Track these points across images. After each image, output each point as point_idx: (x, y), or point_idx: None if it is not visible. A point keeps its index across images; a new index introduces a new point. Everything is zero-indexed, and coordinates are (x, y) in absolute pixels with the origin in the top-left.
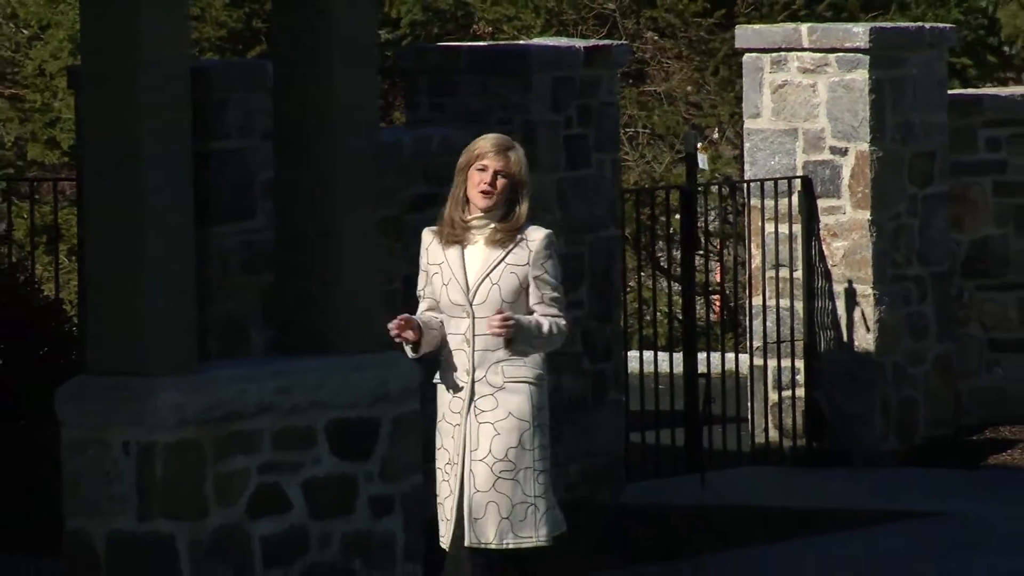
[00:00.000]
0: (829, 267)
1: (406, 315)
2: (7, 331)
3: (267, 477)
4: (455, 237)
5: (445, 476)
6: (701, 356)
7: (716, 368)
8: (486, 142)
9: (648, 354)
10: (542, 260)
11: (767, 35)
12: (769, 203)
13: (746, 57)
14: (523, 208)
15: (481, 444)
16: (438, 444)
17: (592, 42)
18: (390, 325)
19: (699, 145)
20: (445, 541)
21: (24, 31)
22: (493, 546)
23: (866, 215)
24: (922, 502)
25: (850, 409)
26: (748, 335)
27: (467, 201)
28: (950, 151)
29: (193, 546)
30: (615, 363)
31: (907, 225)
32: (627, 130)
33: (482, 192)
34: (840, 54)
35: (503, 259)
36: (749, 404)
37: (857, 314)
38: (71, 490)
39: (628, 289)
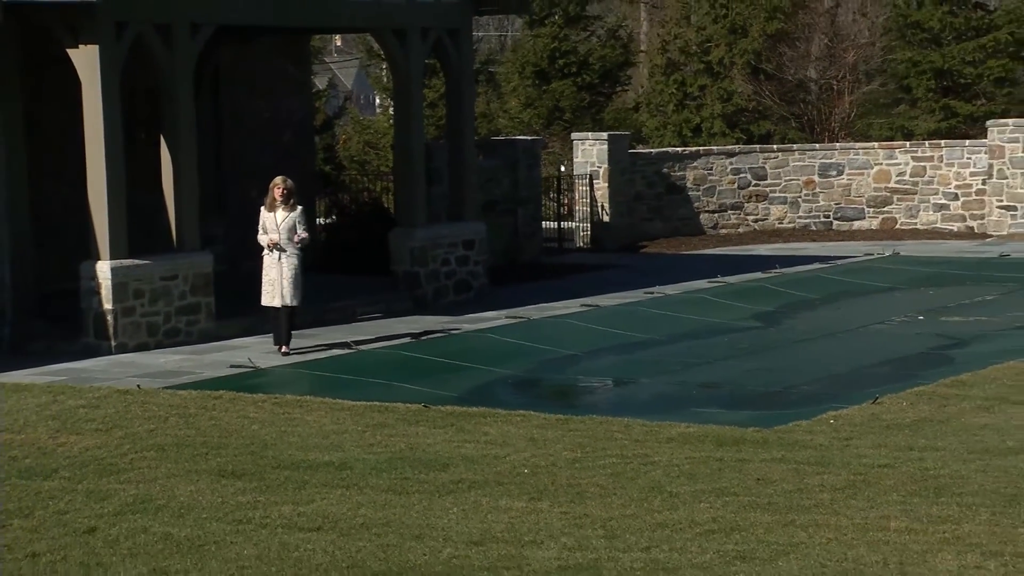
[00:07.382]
0: (596, 199)
1: (272, 238)
2: (373, 216)
3: (445, 255)
4: (273, 209)
5: (269, 288)
6: (563, 224)
7: (567, 226)
8: (278, 178)
9: (546, 223)
10: (299, 217)
11: (581, 136)
12: (581, 181)
13: (575, 142)
14: (295, 200)
15: (283, 274)
16: (265, 274)
17: (532, 138)
18: (267, 240)
19: (561, 166)
20: (267, 301)
21: (382, 117)
22: (283, 305)
23: (607, 185)
24: (626, 262)
25: (604, 237)
26: (576, 217)
27: (274, 200)
28: (632, 169)
29: (426, 276)
30: (537, 224)
31: (620, 189)
32: (544, 160)
33: (279, 198)
34: (601, 140)
35: (288, 216)
36: (575, 233)
37: (605, 213)
38: (393, 257)
39: (542, 204)
